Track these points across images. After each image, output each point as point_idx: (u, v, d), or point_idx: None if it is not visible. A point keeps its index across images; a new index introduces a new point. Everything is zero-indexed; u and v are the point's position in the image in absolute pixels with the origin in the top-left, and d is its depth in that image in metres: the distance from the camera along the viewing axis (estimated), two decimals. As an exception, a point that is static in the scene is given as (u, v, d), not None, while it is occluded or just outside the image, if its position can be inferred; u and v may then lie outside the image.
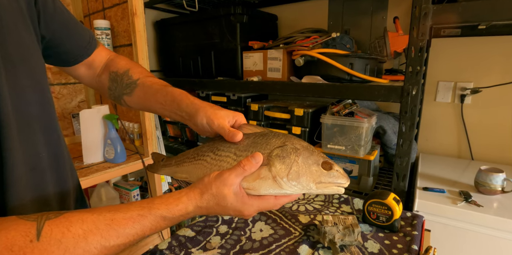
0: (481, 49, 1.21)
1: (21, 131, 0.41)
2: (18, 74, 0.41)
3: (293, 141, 0.44)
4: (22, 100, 0.42)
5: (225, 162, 0.46)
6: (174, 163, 0.55)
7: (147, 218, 0.38)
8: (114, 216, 0.36)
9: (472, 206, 0.89)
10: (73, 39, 0.55)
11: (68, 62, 0.58)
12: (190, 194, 0.41)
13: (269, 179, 0.41)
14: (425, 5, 0.87)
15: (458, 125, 1.30)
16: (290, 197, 0.45)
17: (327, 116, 1.11)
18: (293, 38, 1.22)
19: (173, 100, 0.53)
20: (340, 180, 0.42)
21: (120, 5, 1.19)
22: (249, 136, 0.48)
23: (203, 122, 0.49)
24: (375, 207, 0.64)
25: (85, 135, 1.13)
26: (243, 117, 0.52)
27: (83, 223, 0.34)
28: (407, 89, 0.92)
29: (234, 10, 1.34)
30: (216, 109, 0.50)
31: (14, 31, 0.40)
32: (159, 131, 1.59)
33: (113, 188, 1.43)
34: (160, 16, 1.75)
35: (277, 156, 0.42)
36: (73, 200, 0.53)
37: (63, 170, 0.50)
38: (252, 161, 0.42)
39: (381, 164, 1.34)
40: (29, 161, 0.43)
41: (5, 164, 0.39)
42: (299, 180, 0.41)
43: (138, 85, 0.57)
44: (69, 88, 1.44)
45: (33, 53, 0.44)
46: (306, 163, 0.42)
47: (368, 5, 1.37)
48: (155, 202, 0.40)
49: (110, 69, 0.60)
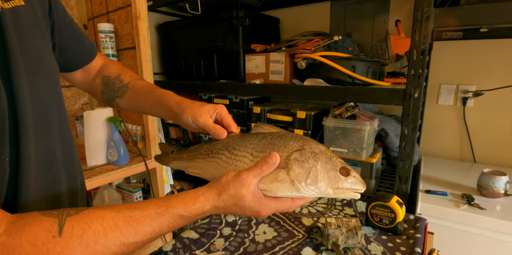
0: (483, 52, 1.21)
1: (39, 130, 0.43)
2: (37, 78, 0.43)
3: (311, 145, 0.44)
4: (41, 102, 0.44)
5: (241, 162, 0.46)
6: (186, 158, 0.56)
7: (165, 216, 0.39)
8: (132, 213, 0.37)
9: (475, 209, 0.89)
10: (78, 47, 0.59)
11: (70, 68, 0.62)
12: (207, 194, 0.42)
13: (286, 182, 0.42)
14: (427, 8, 0.87)
15: (461, 128, 1.30)
16: (306, 199, 0.45)
17: (329, 118, 1.11)
18: (295, 41, 1.23)
19: (161, 100, 0.57)
20: (357, 186, 0.43)
21: (124, 8, 1.20)
22: (265, 136, 0.48)
23: (188, 120, 0.53)
24: (378, 210, 0.64)
25: (88, 137, 1.14)
26: (224, 108, 0.56)
27: (103, 220, 0.35)
28: (409, 92, 0.93)
29: (237, 13, 1.34)
30: (198, 106, 0.54)
31: (32, 38, 0.43)
32: (161, 133, 1.60)
33: (116, 190, 1.43)
34: (163, 19, 1.76)
35: (296, 160, 0.42)
36: (80, 197, 0.56)
37: (74, 169, 0.53)
38: (269, 161, 0.42)
39: (383, 166, 1.34)
40: (46, 160, 0.45)
41: (20, 162, 0.40)
42: (317, 185, 0.41)
43: (128, 88, 0.61)
44: (73, 91, 1.45)
45: (49, 58, 0.47)
46: (324, 168, 0.42)
47: (370, 8, 1.38)
48: (172, 200, 0.40)
49: (103, 73, 0.64)
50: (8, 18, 0.39)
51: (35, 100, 0.42)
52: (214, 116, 0.54)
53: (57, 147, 0.48)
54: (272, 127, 0.50)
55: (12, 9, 0.40)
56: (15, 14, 0.40)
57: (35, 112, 0.42)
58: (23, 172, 0.41)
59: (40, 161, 0.44)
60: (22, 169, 0.40)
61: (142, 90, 0.60)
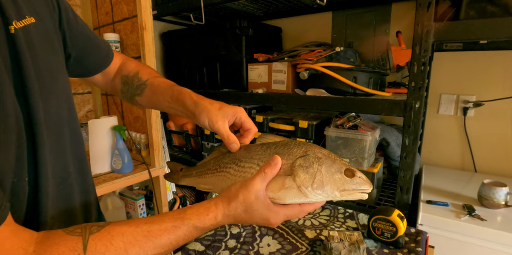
0: (482, 63, 1.23)
1: (53, 148, 0.44)
2: (49, 96, 0.44)
3: (315, 150, 0.45)
4: (54, 119, 0.44)
5: (248, 173, 0.47)
6: (196, 174, 0.57)
7: (181, 228, 0.40)
8: (150, 228, 0.39)
9: (475, 220, 0.90)
10: (94, 53, 0.59)
11: (89, 73, 0.62)
12: (218, 203, 0.43)
13: (294, 188, 0.42)
14: (427, 22, 0.89)
15: (461, 138, 1.31)
16: (315, 205, 0.45)
17: (331, 128, 1.12)
18: (298, 52, 1.25)
19: (178, 99, 0.56)
20: (363, 187, 0.43)
21: (129, 19, 1.22)
22: (269, 146, 0.49)
23: (205, 123, 0.52)
24: (380, 223, 0.65)
25: (93, 145, 1.16)
26: (243, 112, 0.54)
27: (123, 236, 0.37)
28: (410, 103, 0.94)
29: (240, 23, 1.37)
30: (217, 109, 0.52)
31: (43, 56, 0.43)
32: (164, 140, 1.61)
33: (119, 197, 1.44)
34: (167, 27, 1.79)
35: (300, 166, 0.43)
36: (94, 210, 0.56)
37: (87, 183, 0.54)
38: (271, 163, 0.43)
39: (385, 175, 1.35)
40: (60, 176, 0.46)
41: (38, 181, 0.41)
42: (324, 188, 0.42)
43: (147, 85, 0.61)
44: (78, 98, 1.47)
45: (60, 75, 0.47)
46: (329, 171, 0.42)
47: (371, 19, 1.40)
48: (187, 212, 0.42)
49: (122, 73, 0.64)
50: (21, 38, 0.40)
51: (48, 118, 0.43)
52: (233, 120, 0.53)
53: (70, 163, 0.48)
54: (276, 137, 0.51)
55: (24, 28, 0.40)
56: (27, 33, 0.41)
57: (49, 130, 0.43)
58: (41, 190, 0.42)
59: (54, 178, 0.45)
60: (40, 188, 0.41)
61: (160, 87, 0.60)
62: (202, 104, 0.53)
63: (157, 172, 1.28)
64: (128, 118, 1.37)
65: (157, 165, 1.27)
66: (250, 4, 1.46)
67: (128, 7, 1.20)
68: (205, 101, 0.53)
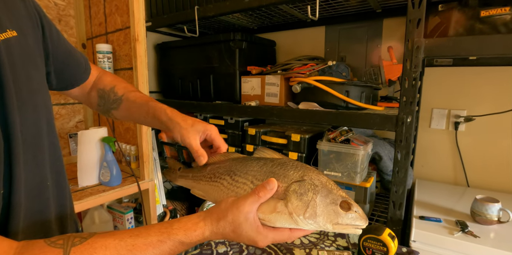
0: (472, 78, 1.25)
1: (29, 161, 0.44)
2: (26, 109, 0.43)
3: (312, 176, 0.43)
4: (31, 133, 0.44)
5: (241, 189, 0.46)
6: (191, 177, 0.57)
7: (166, 243, 0.39)
8: (135, 241, 0.38)
9: (468, 237, 0.88)
10: (74, 67, 0.61)
11: (68, 87, 0.63)
12: (207, 220, 0.42)
13: (285, 214, 0.41)
14: (417, 38, 0.91)
15: (453, 152, 1.31)
16: (305, 231, 0.44)
17: (323, 142, 1.12)
18: (291, 65, 1.25)
19: (154, 114, 0.58)
20: (358, 222, 0.41)
21: (123, 30, 1.22)
22: (266, 163, 0.47)
23: (178, 139, 0.55)
24: (370, 243, 0.64)
25: (81, 157, 1.13)
26: (214, 129, 0.57)
27: (106, 249, 0.36)
28: (402, 118, 0.94)
29: (234, 36, 1.37)
30: (189, 125, 0.55)
31: (23, 69, 0.43)
32: (155, 152, 1.58)
33: (107, 210, 1.40)
34: (161, 38, 1.80)
35: (295, 192, 0.41)
36: (69, 223, 0.55)
37: (64, 197, 0.53)
38: (267, 187, 0.42)
39: (378, 190, 1.34)
40: (36, 189, 0.45)
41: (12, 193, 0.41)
42: (316, 219, 0.40)
43: (123, 100, 0.63)
44: (68, 108, 1.45)
45: (39, 89, 0.47)
46: (324, 202, 0.41)
47: (363, 33, 1.42)
48: (173, 227, 0.41)
49: (98, 86, 0.66)
50: (2, 50, 0.40)
51: (26, 132, 0.43)
52: (204, 136, 0.56)
53: (47, 176, 0.48)
54: (274, 153, 0.50)
55: (5, 41, 0.40)
56: (8, 46, 0.41)
57: (26, 144, 0.43)
58: (15, 202, 0.41)
59: (30, 191, 0.44)
60: (13, 200, 0.41)
61: (136, 103, 0.62)
62: (175, 121, 0.56)
63: (147, 184, 1.25)
64: (119, 129, 1.35)
65: (146, 178, 1.24)
66: (245, 18, 1.48)
67: (122, 19, 1.20)
68: (178, 118, 0.56)
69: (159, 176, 1.55)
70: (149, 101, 0.61)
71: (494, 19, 0.91)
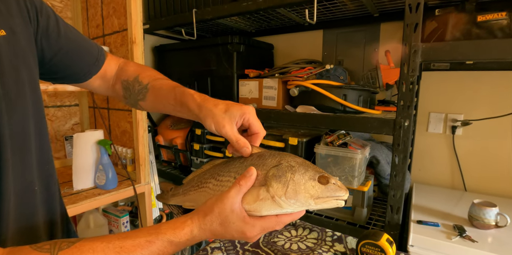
0: (469, 82, 1.25)
1: (17, 165, 0.43)
2: (15, 106, 0.42)
3: (288, 159, 0.44)
4: (19, 136, 0.43)
5: (226, 186, 0.46)
6: (182, 192, 0.56)
7: (155, 243, 0.39)
8: (123, 243, 0.37)
9: (466, 241, 0.88)
10: (82, 59, 0.56)
11: (79, 80, 0.59)
12: (194, 217, 0.42)
13: (268, 199, 0.41)
14: (415, 43, 0.91)
15: (451, 156, 1.32)
16: (292, 216, 0.43)
17: (321, 146, 1.11)
18: (289, 68, 1.25)
19: (182, 102, 0.52)
20: (338, 193, 0.41)
21: (120, 32, 1.22)
22: (247, 159, 0.48)
23: (212, 129, 0.48)
24: (368, 249, 0.63)
25: (76, 160, 1.12)
26: (252, 112, 0.49)
27: (94, 252, 0.35)
28: (399, 122, 0.94)
29: (232, 39, 1.37)
30: (222, 111, 0.47)
31: (9, 66, 0.42)
32: (152, 155, 1.57)
33: (102, 214, 1.39)
34: (159, 41, 1.79)
35: (273, 175, 0.42)
36: (60, 228, 0.54)
37: (53, 202, 0.51)
38: (246, 175, 0.42)
39: (376, 193, 1.33)
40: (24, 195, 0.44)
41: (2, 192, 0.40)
42: (297, 197, 0.40)
43: (148, 89, 0.57)
44: (64, 111, 1.44)
45: (29, 86, 0.45)
46: (302, 179, 0.41)
47: (361, 37, 1.43)
48: (162, 227, 0.40)
49: (121, 78, 0.60)
50: None
51: (13, 134, 0.42)
52: (241, 121, 0.48)
53: (35, 181, 0.46)
54: (255, 148, 0.49)
55: None
56: None
57: (14, 146, 0.42)
58: (3, 209, 0.40)
59: (17, 197, 0.43)
60: (3, 206, 0.40)
61: (162, 90, 0.55)
62: (206, 107, 0.48)
63: (143, 188, 1.24)
64: (115, 131, 1.34)
65: (142, 181, 1.23)
66: (243, 21, 1.48)
67: (119, 21, 1.19)
68: (209, 103, 0.48)
69: (155, 179, 1.54)
70: (176, 86, 0.55)
71: (491, 24, 0.91)
